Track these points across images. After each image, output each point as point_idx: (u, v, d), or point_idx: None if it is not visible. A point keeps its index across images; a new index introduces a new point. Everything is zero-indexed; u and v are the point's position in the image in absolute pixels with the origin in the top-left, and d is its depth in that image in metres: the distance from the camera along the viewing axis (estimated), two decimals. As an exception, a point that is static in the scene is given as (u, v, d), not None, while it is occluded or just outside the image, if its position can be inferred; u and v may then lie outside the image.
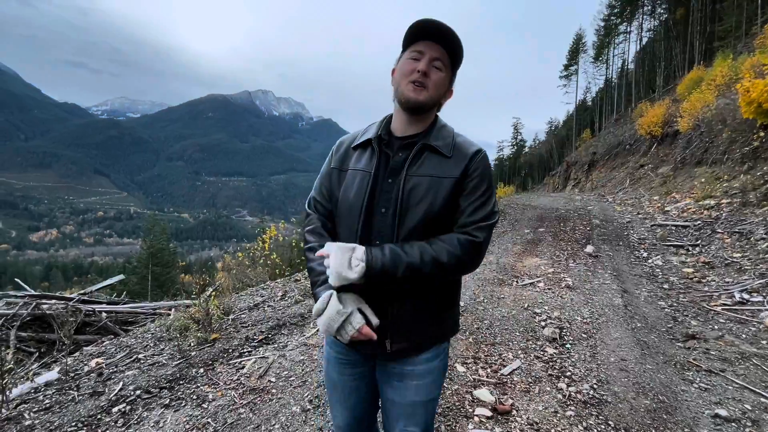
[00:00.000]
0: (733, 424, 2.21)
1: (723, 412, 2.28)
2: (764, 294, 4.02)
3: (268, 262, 7.46)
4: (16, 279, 7.40)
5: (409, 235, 1.04)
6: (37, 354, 4.08)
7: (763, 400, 2.41)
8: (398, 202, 1.04)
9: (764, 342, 3.16)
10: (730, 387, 2.57)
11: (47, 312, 4.52)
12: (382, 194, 1.07)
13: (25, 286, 6.54)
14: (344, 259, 0.96)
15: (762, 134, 7.80)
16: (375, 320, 1.03)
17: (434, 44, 1.04)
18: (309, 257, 1.15)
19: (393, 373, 1.16)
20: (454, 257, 1.01)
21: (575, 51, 40.93)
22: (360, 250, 0.98)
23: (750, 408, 2.34)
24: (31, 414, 2.29)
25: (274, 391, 2.51)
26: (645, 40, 35.73)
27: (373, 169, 1.09)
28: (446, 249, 1.01)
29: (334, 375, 1.24)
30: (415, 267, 0.98)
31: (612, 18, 36.53)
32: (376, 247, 1.01)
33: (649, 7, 34.02)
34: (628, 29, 36.44)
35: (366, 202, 1.07)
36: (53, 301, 4.96)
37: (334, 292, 1.02)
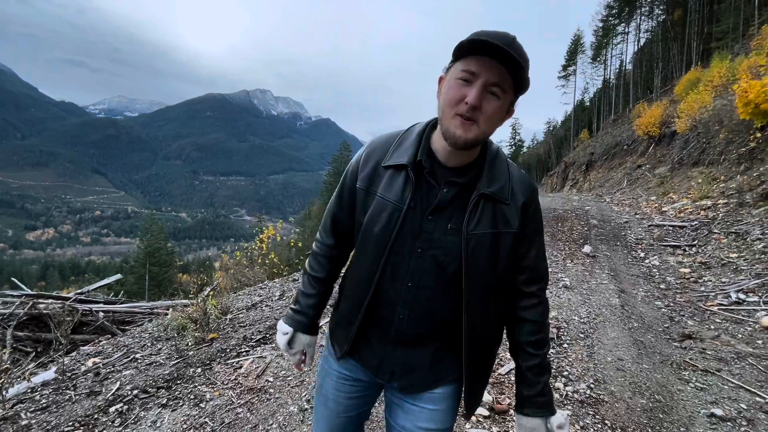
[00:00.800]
0: (728, 423, 2.22)
1: (719, 412, 2.29)
2: (760, 294, 4.04)
3: (266, 261, 7.46)
4: (12, 278, 7.38)
5: (479, 302, 0.95)
6: (34, 354, 4.06)
7: (758, 399, 2.42)
8: (465, 265, 0.92)
9: (760, 342, 3.18)
10: (725, 386, 2.59)
11: (44, 311, 4.51)
12: (420, 233, 0.94)
13: (22, 286, 6.52)
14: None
15: (758, 135, 7.84)
16: (309, 362, 1.18)
17: (493, 63, 0.81)
18: (302, 282, 1.18)
19: (407, 395, 1.05)
20: (546, 339, 1.03)
21: (573, 51, 41.06)
22: (540, 426, 0.98)
23: (745, 407, 2.35)
24: (28, 414, 2.29)
25: (271, 390, 2.51)
26: (643, 40, 35.87)
27: (407, 204, 0.94)
28: (543, 343, 1.02)
29: (328, 390, 1.13)
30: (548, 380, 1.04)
31: (610, 19, 36.64)
32: (533, 407, 0.99)
33: (647, 8, 34.13)
34: (626, 30, 36.58)
35: (393, 241, 0.95)
36: (50, 300, 4.94)
37: (291, 331, 1.13)
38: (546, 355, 1.01)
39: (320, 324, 1.21)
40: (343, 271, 1.20)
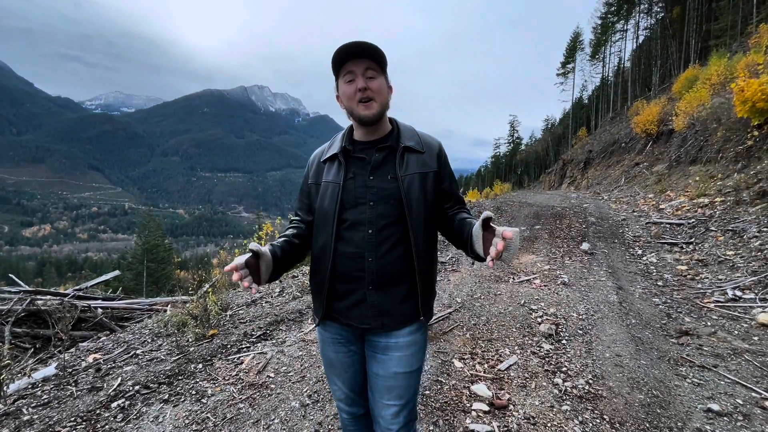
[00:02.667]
0: (725, 418, 2.25)
1: (715, 407, 2.32)
2: (756, 291, 4.07)
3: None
4: (9, 275, 7.35)
5: (421, 227, 1.24)
6: (32, 350, 4.06)
7: (754, 394, 2.45)
8: (403, 200, 1.22)
9: (756, 338, 3.21)
10: (722, 382, 2.62)
11: (42, 308, 4.50)
12: (367, 191, 1.24)
13: (20, 282, 6.49)
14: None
15: (756, 133, 7.87)
16: (248, 282, 1.12)
17: (358, 59, 1.17)
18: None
19: (378, 346, 1.29)
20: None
21: (573, 49, 41.03)
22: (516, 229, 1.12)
23: (741, 402, 2.38)
24: (30, 409, 2.29)
25: (273, 386, 2.52)
26: (641, 38, 35.89)
27: (342, 180, 1.25)
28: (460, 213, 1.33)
29: (329, 353, 1.37)
30: None
31: (609, 16, 36.62)
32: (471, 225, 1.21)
33: (646, 6, 34.11)
34: (625, 27, 36.56)
35: (338, 207, 1.23)
36: (48, 297, 4.94)
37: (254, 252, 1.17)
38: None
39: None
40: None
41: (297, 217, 1.41)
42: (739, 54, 13.90)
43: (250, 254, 1.14)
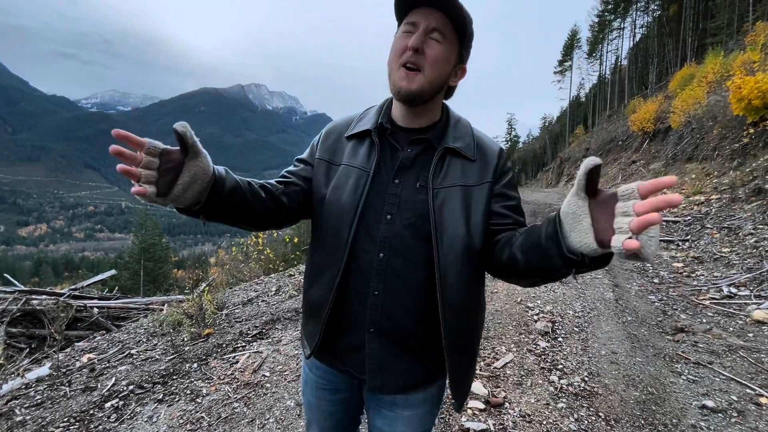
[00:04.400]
0: (719, 414, 2.26)
1: (710, 403, 2.33)
2: (751, 288, 4.09)
3: (262, 257, 7.44)
4: (5, 274, 7.31)
5: (451, 251, 0.86)
6: (28, 350, 4.04)
7: (748, 391, 2.46)
8: (433, 221, 0.86)
9: (751, 335, 3.23)
10: (717, 379, 2.63)
11: (38, 307, 4.47)
12: (387, 198, 0.89)
13: (15, 282, 6.46)
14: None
15: (751, 131, 7.90)
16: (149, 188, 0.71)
17: (432, 11, 0.82)
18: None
19: (383, 399, 1.00)
20: None
21: (570, 47, 41.11)
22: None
23: (736, 399, 2.39)
24: (22, 410, 2.28)
25: (268, 385, 2.51)
26: (638, 36, 35.96)
27: (372, 168, 0.90)
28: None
29: (311, 398, 1.10)
30: None
31: (606, 14, 36.68)
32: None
33: (643, 4, 34.18)
34: (622, 25, 36.64)
35: (362, 208, 0.89)
36: (44, 296, 4.91)
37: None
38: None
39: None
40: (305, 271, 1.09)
41: (287, 176, 1.01)
42: (735, 52, 13.93)
43: (178, 146, 0.69)
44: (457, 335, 0.90)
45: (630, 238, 0.53)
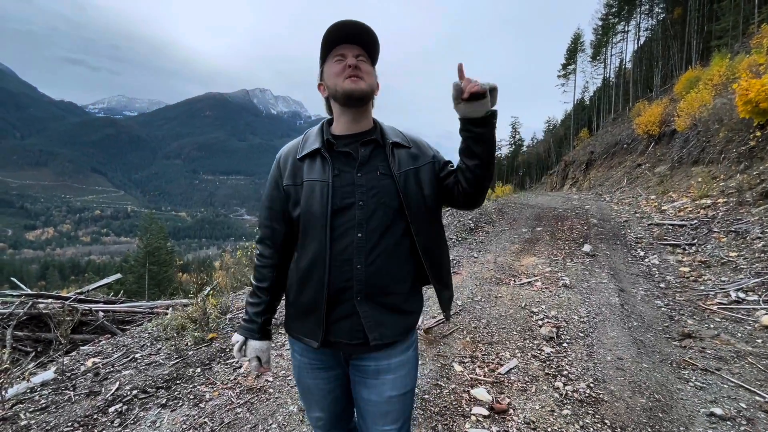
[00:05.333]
0: (728, 422, 2.22)
1: (718, 411, 2.29)
2: (760, 293, 4.04)
3: (266, 261, 7.44)
4: (12, 278, 7.37)
5: (420, 217, 1.15)
6: (34, 353, 4.06)
7: (758, 398, 2.42)
8: (403, 197, 1.12)
9: (759, 341, 3.18)
10: (725, 385, 2.59)
11: (44, 311, 4.50)
12: (356, 189, 1.10)
13: (22, 285, 6.51)
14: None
15: (758, 134, 7.83)
16: (267, 368, 1.27)
17: (353, 45, 1.10)
18: (249, 295, 1.28)
19: (368, 371, 1.16)
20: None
21: (573, 50, 41.02)
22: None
23: (745, 406, 2.35)
24: (27, 414, 2.29)
25: (271, 390, 2.50)
26: (642, 39, 35.84)
27: (330, 177, 1.11)
28: None
29: (307, 381, 1.24)
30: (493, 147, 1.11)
31: (610, 17, 36.61)
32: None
33: (647, 7, 34.09)
34: (626, 28, 36.55)
35: (330, 212, 1.08)
36: (50, 300, 4.94)
37: (242, 339, 1.24)
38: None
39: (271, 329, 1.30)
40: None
41: (264, 245, 1.24)
42: (741, 54, 13.85)
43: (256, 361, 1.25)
44: (437, 271, 1.22)
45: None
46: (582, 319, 3.61)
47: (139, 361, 3.00)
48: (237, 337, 1.25)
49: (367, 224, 1.09)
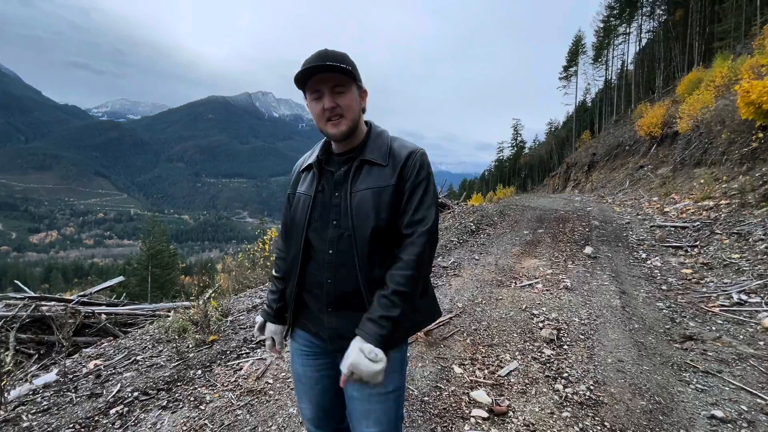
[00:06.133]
0: (729, 425, 2.21)
1: (719, 413, 2.28)
2: (762, 295, 4.02)
3: (268, 263, 7.47)
4: (15, 281, 7.41)
5: (366, 247, 1.11)
6: (37, 356, 4.08)
7: (759, 401, 2.41)
8: (350, 218, 1.12)
9: (762, 343, 3.17)
10: (726, 388, 2.58)
11: (47, 314, 4.53)
12: (331, 209, 1.16)
13: (25, 288, 6.54)
14: (365, 361, 1.01)
15: (761, 135, 7.80)
16: (278, 347, 1.41)
17: (324, 76, 1.08)
18: (270, 284, 1.42)
19: None
20: (412, 279, 1.09)
21: (575, 52, 40.99)
22: (366, 346, 1.02)
23: (746, 409, 2.34)
24: (29, 416, 2.30)
25: (271, 392, 2.51)
26: (644, 41, 35.80)
27: (314, 192, 1.20)
28: (403, 278, 1.08)
29: (297, 367, 1.33)
30: (396, 318, 1.06)
31: (611, 19, 36.59)
32: (367, 324, 1.06)
33: (648, 9, 34.08)
34: (628, 30, 36.50)
35: (307, 222, 1.18)
36: (53, 302, 4.97)
37: (261, 321, 1.42)
38: (400, 293, 1.07)
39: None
40: None
41: (281, 239, 1.40)
42: (744, 56, 13.82)
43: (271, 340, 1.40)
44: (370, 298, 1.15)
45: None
46: (583, 322, 3.60)
47: (140, 363, 3.01)
48: (258, 319, 1.43)
49: (337, 242, 1.14)
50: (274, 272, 1.43)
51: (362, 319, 1.08)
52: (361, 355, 1.00)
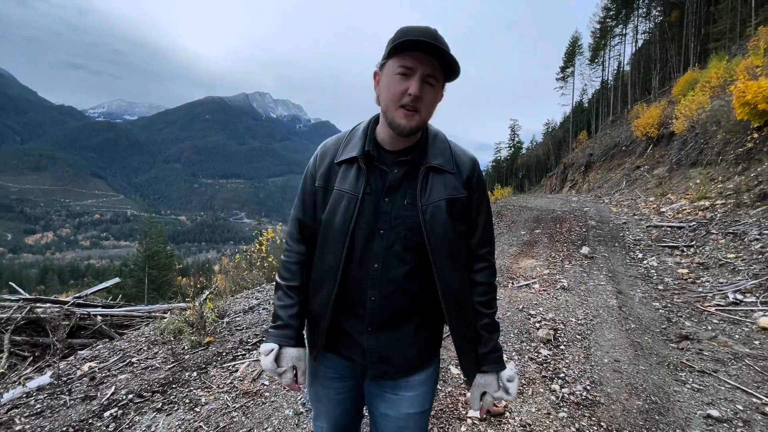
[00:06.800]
0: (724, 424, 2.22)
1: (715, 413, 2.29)
2: (757, 294, 4.04)
3: (265, 264, 7.45)
4: (11, 283, 7.35)
5: (442, 255, 1.01)
6: (32, 358, 4.05)
7: (754, 400, 2.42)
8: (424, 230, 0.99)
9: (757, 342, 3.18)
10: (722, 387, 2.58)
11: (42, 316, 4.49)
12: (380, 215, 1.00)
13: (20, 290, 6.49)
14: (511, 386, 1.08)
15: (756, 135, 7.85)
16: (302, 379, 1.10)
17: (427, 57, 0.90)
18: (277, 297, 1.13)
19: (386, 385, 1.10)
20: (494, 299, 1.13)
21: (571, 53, 41.16)
22: (503, 375, 1.09)
23: (742, 408, 2.35)
24: (22, 419, 2.28)
25: (267, 394, 2.50)
26: (640, 42, 35.97)
27: (361, 192, 1.01)
28: (494, 303, 1.13)
29: (318, 389, 1.18)
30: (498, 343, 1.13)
31: (607, 20, 36.77)
32: (489, 359, 1.09)
33: (644, 10, 34.26)
34: (624, 31, 36.68)
35: (353, 228, 1.00)
36: (48, 304, 4.93)
37: (276, 347, 1.07)
38: (495, 315, 1.11)
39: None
40: None
41: (295, 240, 1.14)
42: (739, 56, 13.91)
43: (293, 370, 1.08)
44: (456, 322, 1.07)
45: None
46: (579, 322, 3.61)
47: (135, 365, 2.99)
48: (269, 346, 1.07)
49: (385, 255, 1.00)
50: (283, 281, 1.13)
51: (476, 355, 1.10)
52: (511, 384, 1.08)
